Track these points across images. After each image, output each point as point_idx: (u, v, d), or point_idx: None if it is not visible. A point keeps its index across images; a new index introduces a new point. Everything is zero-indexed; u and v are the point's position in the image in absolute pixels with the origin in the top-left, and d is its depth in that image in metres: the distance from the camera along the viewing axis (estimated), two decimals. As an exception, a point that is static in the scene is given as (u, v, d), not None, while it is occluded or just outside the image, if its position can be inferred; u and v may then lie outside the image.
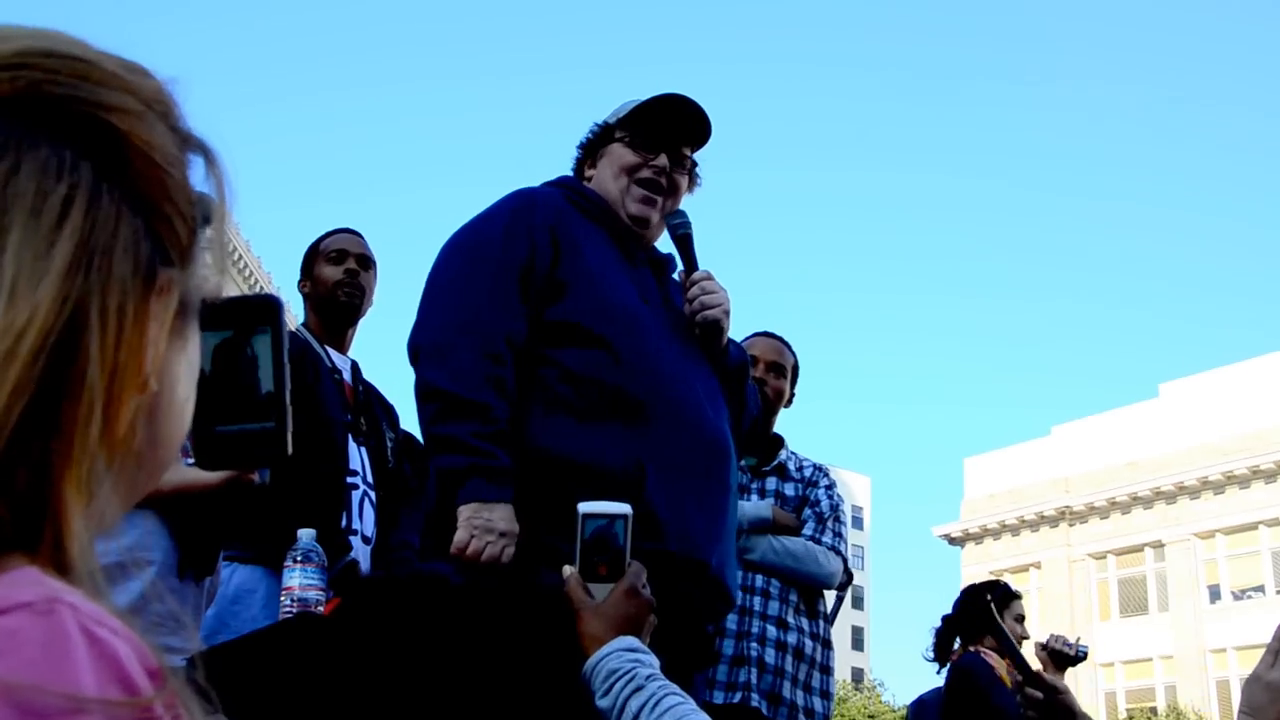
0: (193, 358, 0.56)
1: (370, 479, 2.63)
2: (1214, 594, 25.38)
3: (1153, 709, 24.47)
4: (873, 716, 25.94)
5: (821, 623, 3.04)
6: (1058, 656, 3.51)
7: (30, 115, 0.48)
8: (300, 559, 1.93)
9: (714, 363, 1.97)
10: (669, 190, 1.99)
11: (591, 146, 2.05)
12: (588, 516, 1.45)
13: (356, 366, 2.77)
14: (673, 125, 1.99)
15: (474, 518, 1.65)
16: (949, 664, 3.83)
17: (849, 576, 3.16)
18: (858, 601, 49.93)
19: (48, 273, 0.45)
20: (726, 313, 1.94)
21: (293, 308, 2.89)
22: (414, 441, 2.73)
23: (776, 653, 2.88)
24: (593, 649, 1.33)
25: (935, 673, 3.96)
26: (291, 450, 0.66)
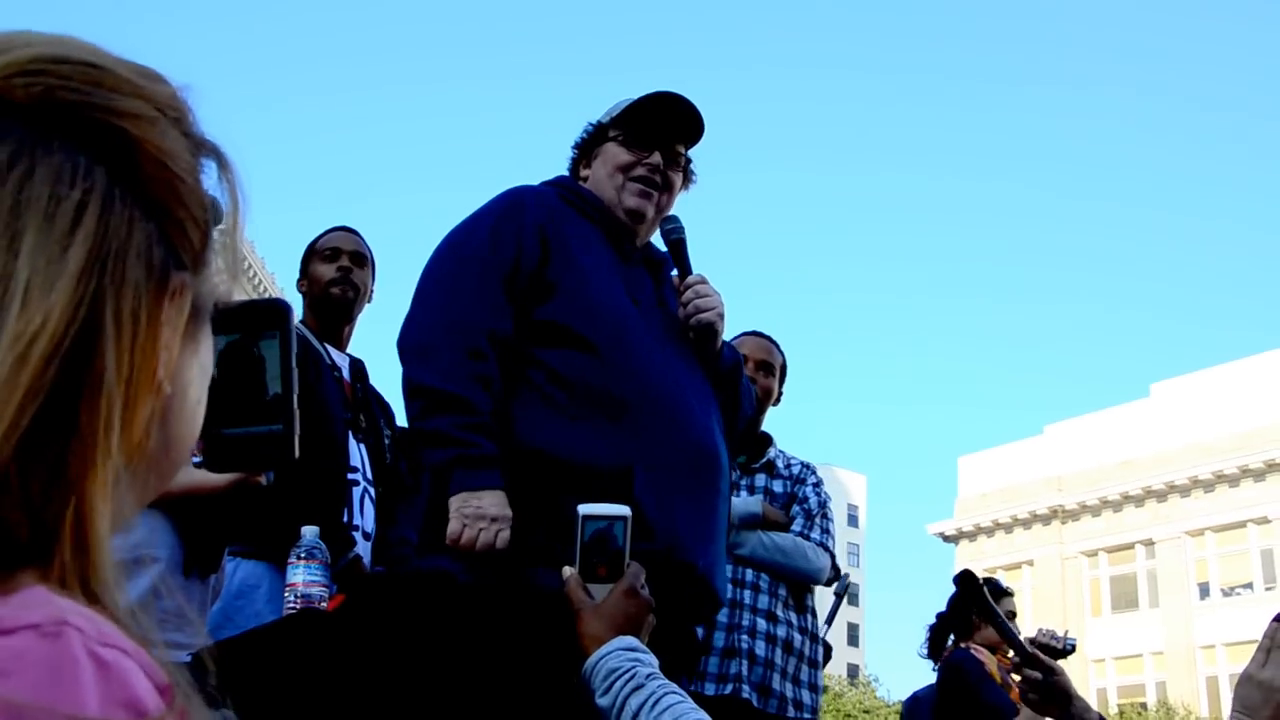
0: (205, 361, 0.56)
1: (370, 475, 2.63)
2: (1204, 591, 25.45)
3: (1143, 704, 24.53)
4: (868, 712, 25.95)
5: (809, 617, 3.07)
6: (1046, 650, 3.53)
7: (44, 121, 0.48)
8: (304, 556, 1.93)
9: (708, 366, 1.96)
10: (663, 187, 1.99)
11: (586, 146, 2.05)
12: (587, 518, 1.45)
13: (355, 365, 2.78)
14: (665, 123, 1.99)
15: (464, 506, 1.65)
16: (941, 660, 3.87)
17: (836, 572, 3.20)
18: (853, 598, 49.81)
19: (61, 277, 0.45)
20: (721, 316, 1.94)
21: (298, 308, 2.91)
22: (405, 436, 2.75)
23: (767, 645, 2.90)
24: (593, 648, 1.33)
25: (930, 670, 4.00)
26: (298, 453, 0.66)
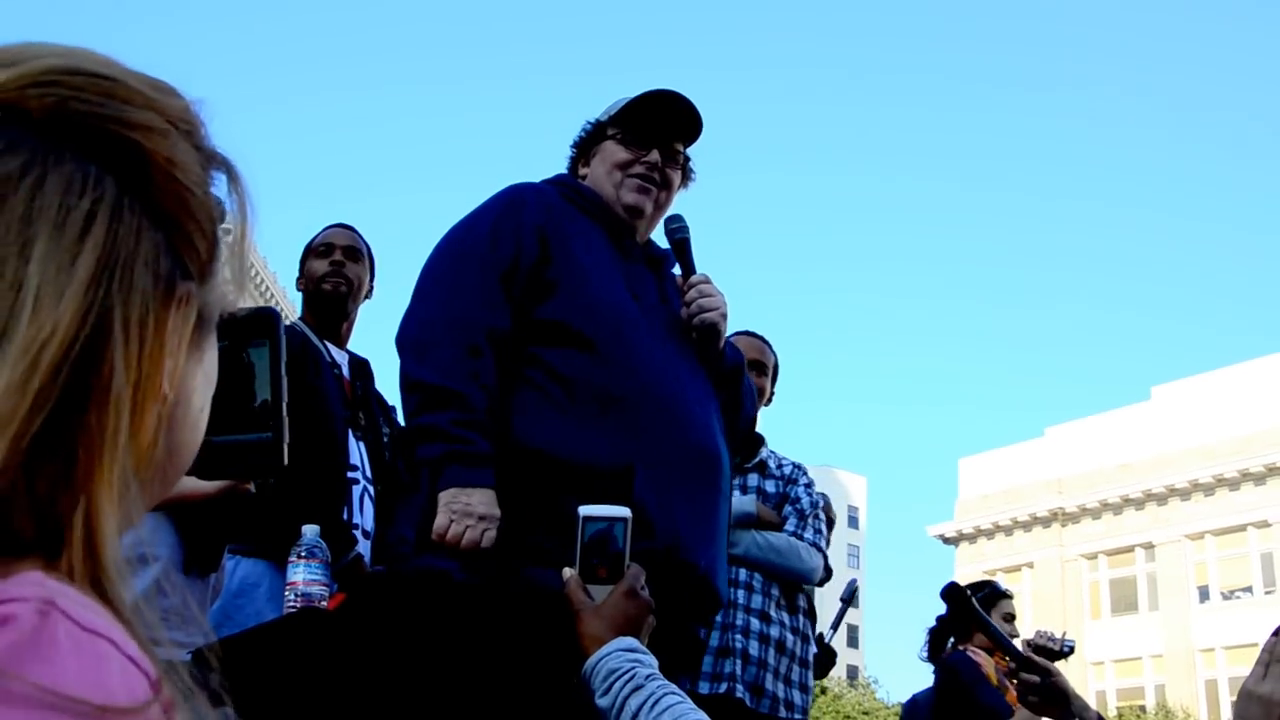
0: (209, 370, 0.57)
1: (369, 473, 2.64)
2: (1203, 594, 25.44)
3: (1142, 707, 24.54)
4: (867, 713, 25.96)
5: (801, 617, 3.08)
6: (1043, 652, 3.53)
7: (56, 131, 0.49)
8: (305, 554, 1.93)
9: (710, 366, 1.96)
10: (662, 184, 2.00)
11: (585, 144, 2.05)
12: (588, 519, 1.45)
13: (356, 362, 2.78)
14: (663, 121, 2.00)
15: (452, 502, 1.64)
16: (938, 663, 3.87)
17: (828, 573, 3.21)
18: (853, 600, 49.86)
19: (71, 285, 0.46)
20: (724, 316, 1.94)
21: (299, 307, 2.91)
22: (405, 435, 2.74)
23: (760, 645, 2.92)
24: (592, 649, 1.33)
25: (931, 673, 3.99)
26: (288, 461, 0.66)
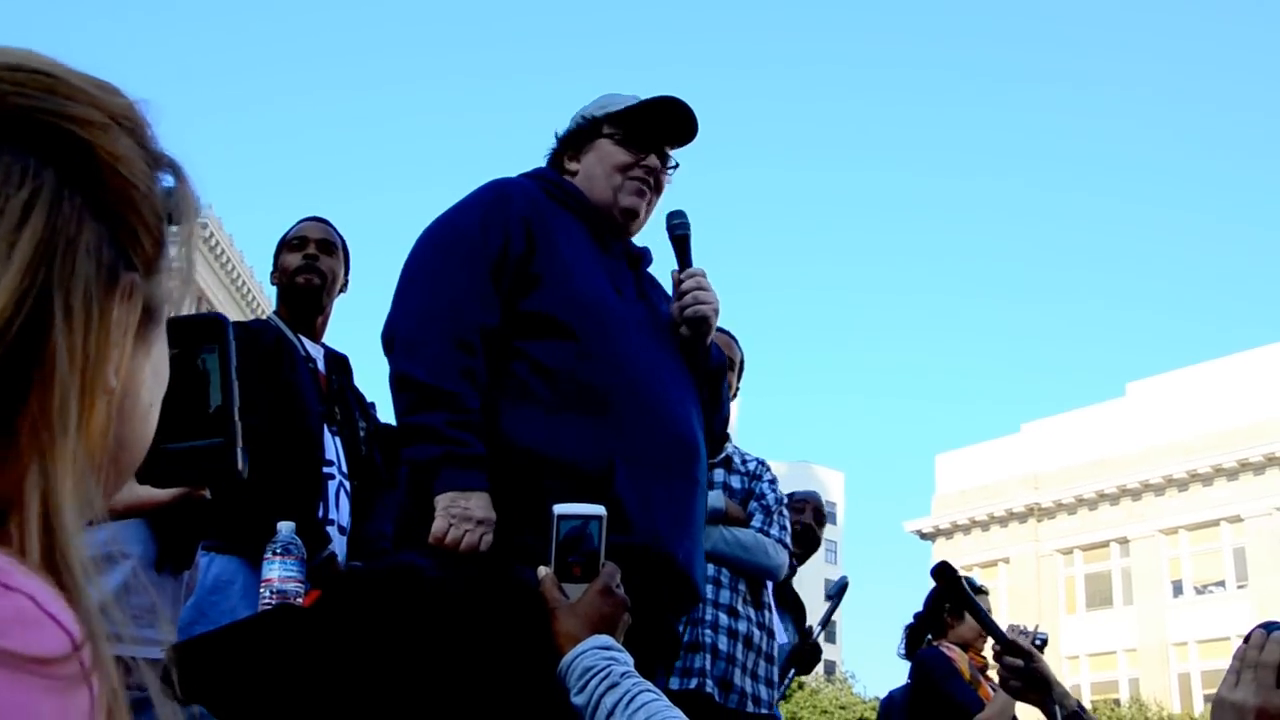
0: (158, 366, 0.56)
1: (345, 469, 2.61)
2: (1177, 589, 25.78)
3: (1116, 700, 24.82)
4: (844, 707, 26.10)
5: (766, 613, 3.10)
6: None
7: None
8: (280, 551, 1.91)
9: (694, 361, 1.96)
10: (655, 188, 2.01)
11: (576, 139, 2.03)
12: (562, 518, 1.45)
13: (331, 357, 2.75)
14: (665, 127, 2.00)
15: (451, 506, 1.64)
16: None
17: (793, 570, 3.24)
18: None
19: (8, 273, 0.46)
20: (716, 311, 1.95)
21: (273, 301, 2.89)
22: (387, 431, 2.72)
23: (729, 640, 2.94)
24: (568, 647, 1.33)
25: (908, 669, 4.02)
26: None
